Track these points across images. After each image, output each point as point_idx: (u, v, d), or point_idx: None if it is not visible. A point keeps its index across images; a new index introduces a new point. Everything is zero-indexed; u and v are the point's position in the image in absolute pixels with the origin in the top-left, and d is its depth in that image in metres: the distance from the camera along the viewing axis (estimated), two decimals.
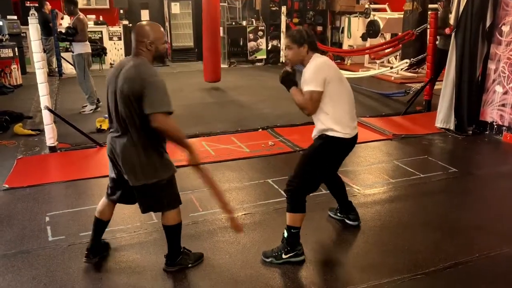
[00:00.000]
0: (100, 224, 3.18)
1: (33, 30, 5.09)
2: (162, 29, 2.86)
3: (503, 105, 5.78)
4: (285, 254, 3.12)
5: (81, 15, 7.07)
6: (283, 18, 11.76)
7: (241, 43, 12.44)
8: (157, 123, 2.64)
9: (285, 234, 3.15)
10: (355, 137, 3.20)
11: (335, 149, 3.17)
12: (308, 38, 3.10)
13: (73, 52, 7.18)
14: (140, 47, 2.74)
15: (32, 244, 3.41)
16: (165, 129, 2.69)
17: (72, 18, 7.19)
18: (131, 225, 3.69)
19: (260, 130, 6.25)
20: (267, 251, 3.20)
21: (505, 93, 5.74)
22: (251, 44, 12.25)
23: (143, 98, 2.61)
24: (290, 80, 3.16)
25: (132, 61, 2.73)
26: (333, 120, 3.07)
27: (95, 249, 3.18)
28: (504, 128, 5.78)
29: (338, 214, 3.74)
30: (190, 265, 3.09)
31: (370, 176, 4.73)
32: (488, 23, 5.71)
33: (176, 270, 3.05)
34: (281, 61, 12.03)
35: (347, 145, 3.18)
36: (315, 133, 3.22)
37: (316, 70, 3.04)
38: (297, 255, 3.14)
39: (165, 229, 3.03)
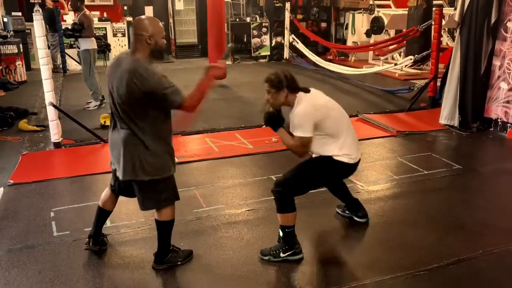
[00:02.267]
0: (103, 214, 3.23)
1: (38, 26, 5.11)
2: (161, 23, 2.85)
3: (508, 101, 5.75)
4: (283, 253, 3.11)
5: (87, 11, 7.12)
6: (287, 15, 11.73)
7: (245, 40, 12.42)
8: (187, 110, 2.81)
9: (281, 234, 3.14)
10: (359, 160, 3.27)
11: (339, 172, 3.24)
12: (287, 81, 3.05)
13: (79, 48, 7.21)
14: (139, 42, 2.71)
15: (37, 239, 3.44)
16: (195, 110, 2.88)
17: (77, 14, 7.21)
18: (135, 220, 3.71)
19: (264, 126, 6.24)
20: (265, 249, 3.18)
21: (510, 89, 5.71)
22: (255, 41, 12.22)
23: (158, 97, 2.67)
24: (275, 120, 3.11)
25: (130, 59, 2.70)
26: (339, 148, 3.13)
27: (96, 238, 3.23)
28: (509, 125, 5.75)
29: (347, 212, 3.73)
30: (179, 263, 3.09)
31: (373, 172, 4.73)
32: (493, 20, 5.68)
33: (165, 268, 3.04)
34: (285, 57, 12.01)
35: (351, 169, 3.24)
36: (317, 153, 3.22)
37: (304, 116, 3.01)
38: (295, 253, 3.12)
39: (157, 224, 3.02)
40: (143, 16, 2.82)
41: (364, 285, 2.88)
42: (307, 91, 3.13)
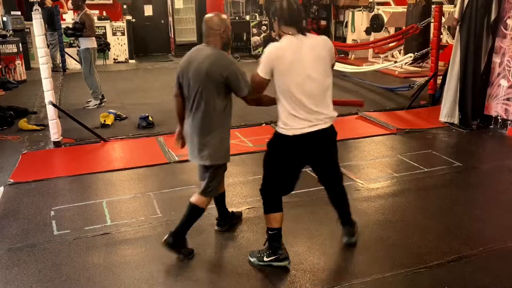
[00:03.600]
0: (216, 199, 3.39)
1: (37, 25, 5.10)
2: (229, 20, 3.10)
3: (508, 99, 5.75)
4: (267, 257, 3.00)
5: (88, 10, 7.11)
6: None
7: (245, 38, 12.41)
8: (250, 102, 3.04)
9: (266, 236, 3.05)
10: (313, 134, 2.78)
11: (281, 147, 2.90)
12: (280, 11, 2.77)
13: (79, 47, 7.20)
14: (213, 36, 2.98)
15: (37, 238, 3.44)
16: (257, 103, 3.08)
17: (77, 13, 7.20)
18: (135, 219, 3.71)
19: (264, 125, 6.25)
20: (254, 251, 3.13)
21: (510, 87, 5.70)
22: (254, 39, 12.21)
23: (231, 83, 2.92)
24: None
25: (209, 49, 2.97)
26: (281, 114, 2.83)
27: (224, 218, 3.50)
28: (509, 122, 5.75)
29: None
30: (180, 256, 3.12)
31: (374, 170, 4.73)
32: (493, 17, 5.67)
33: (169, 251, 3.10)
34: None
35: (294, 143, 2.82)
36: None
37: (266, 56, 2.78)
38: (278, 259, 2.98)
39: (190, 206, 3.14)
40: (212, 14, 3.03)
41: (365, 282, 2.89)
42: (299, 32, 2.76)
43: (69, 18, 10.65)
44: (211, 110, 2.94)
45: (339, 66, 9.36)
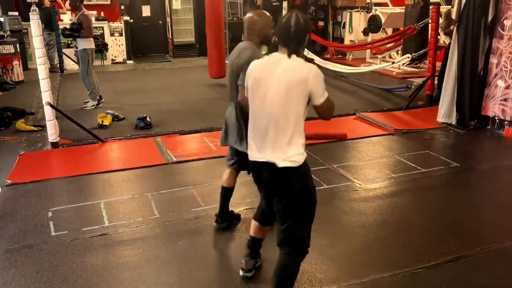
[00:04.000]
0: (225, 192, 3.51)
1: (35, 26, 5.09)
2: (270, 18, 3.22)
3: (505, 99, 5.77)
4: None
5: (86, 11, 7.08)
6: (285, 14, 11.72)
7: (243, 39, 12.38)
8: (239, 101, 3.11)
9: None
10: (261, 165, 2.43)
11: (249, 168, 2.61)
12: (277, 28, 2.44)
13: (77, 48, 7.18)
14: (251, 33, 3.19)
15: (35, 239, 3.43)
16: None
17: (75, 13, 7.18)
18: (133, 220, 3.71)
19: None
20: None
21: (507, 87, 5.72)
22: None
23: (238, 77, 3.07)
24: None
25: (244, 44, 3.21)
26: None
27: (224, 215, 3.55)
28: (506, 122, 5.77)
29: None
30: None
31: (371, 170, 4.73)
32: (490, 17, 5.69)
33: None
34: None
35: (252, 168, 2.53)
36: None
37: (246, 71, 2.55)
38: (241, 268, 2.94)
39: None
40: (252, 13, 3.24)
41: (363, 283, 2.89)
42: (289, 54, 2.37)
43: (67, 18, 10.62)
44: (234, 100, 3.17)
45: (336, 67, 9.38)
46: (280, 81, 2.32)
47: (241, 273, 2.94)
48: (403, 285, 2.89)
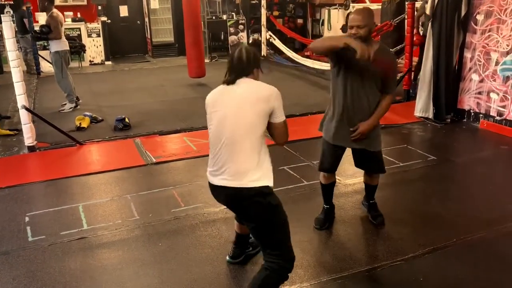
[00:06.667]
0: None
1: (7, 28, 5.00)
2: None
3: (480, 93, 5.88)
4: None
5: (55, 12, 6.91)
6: (263, 11, 11.74)
7: (222, 37, 12.38)
8: None
9: None
10: (223, 190, 2.40)
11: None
12: (230, 59, 2.49)
13: (50, 51, 7.07)
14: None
15: (11, 245, 3.37)
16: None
17: (46, 14, 7.06)
18: (112, 222, 3.67)
19: None
20: None
21: (481, 81, 5.84)
22: (232, 38, 12.20)
23: None
24: None
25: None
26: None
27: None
28: (481, 115, 5.89)
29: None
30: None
31: (350, 166, 4.70)
32: (463, 12, 5.79)
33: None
34: (262, 54, 12.01)
35: (212, 190, 2.51)
36: None
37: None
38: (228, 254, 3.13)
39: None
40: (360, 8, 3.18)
41: (342, 277, 2.92)
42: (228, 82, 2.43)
43: (43, 20, 10.44)
44: None
45: (316, 64, 9.43)
46: (241, 100, 2.35)
47: (227, 257, 3.09)
48: (382, 278, 2.93)
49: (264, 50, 11.97)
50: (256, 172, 2.33)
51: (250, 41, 12.29)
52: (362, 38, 3.00)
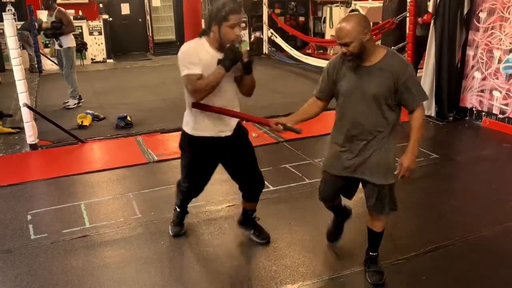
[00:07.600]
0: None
1: (9, 26, 5.00)
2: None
3: (482, 91, 5.86)
4: None
5: (61, 8, 7.00)
6: (265, 9, 11.72)
7: None
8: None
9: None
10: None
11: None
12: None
13: (61, 47, 7.06)
14: None
15: (14, 243, 3.38)
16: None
17: (49, 12, 7.06)
18: (114, 220, 3.67)
19: (244, 122, 6.23)
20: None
21: (484, 79, 5.82)
22: None
23: None
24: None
25: None
26: None
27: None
28: (484, 113, 5.87)
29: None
30: None
31: None
32: (466, 10, 5.77)
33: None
34: (264, 52, 12.00)
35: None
36: None
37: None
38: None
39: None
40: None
41: (344, 276, 2.92)
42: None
43: (44, 18, 10.43)
44: None
45: (318, 62, 9.42)
46: None
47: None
48: (385, 276, 2.93)
49: (265, 48, 11.95)
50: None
51: (252, 39, 12.27)
52: (355, 55, 2.51)
